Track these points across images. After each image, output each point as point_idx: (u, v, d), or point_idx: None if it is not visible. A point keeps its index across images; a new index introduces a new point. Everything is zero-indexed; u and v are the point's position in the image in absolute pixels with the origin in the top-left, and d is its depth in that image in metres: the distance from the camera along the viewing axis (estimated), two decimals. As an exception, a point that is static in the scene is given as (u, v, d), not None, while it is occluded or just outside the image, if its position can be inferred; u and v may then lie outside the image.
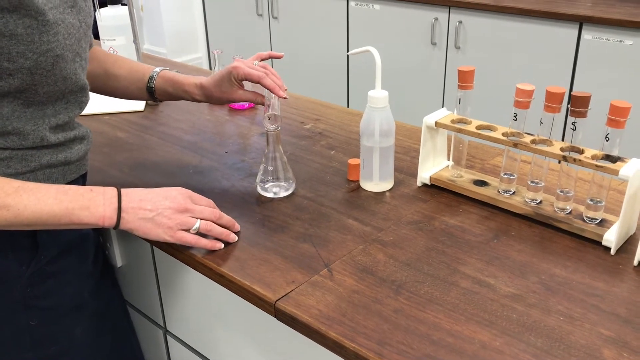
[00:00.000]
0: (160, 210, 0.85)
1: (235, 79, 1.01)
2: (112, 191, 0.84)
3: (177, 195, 0.87)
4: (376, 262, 0.84)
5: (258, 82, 0.98)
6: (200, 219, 0.87)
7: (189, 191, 0.90)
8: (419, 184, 1.05)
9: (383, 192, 1.03)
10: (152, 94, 1.10)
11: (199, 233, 0.87)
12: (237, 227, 0.92)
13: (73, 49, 0.85)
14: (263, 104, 1.01)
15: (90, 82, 1.11)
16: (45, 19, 0.79)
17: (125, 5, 1.73)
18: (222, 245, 0.88)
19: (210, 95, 1.04)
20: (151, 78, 1.09)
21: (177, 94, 1.08)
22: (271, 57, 1.07)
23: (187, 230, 0.86)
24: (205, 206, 0.90)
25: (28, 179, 0.85)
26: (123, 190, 0.85)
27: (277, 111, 0.98)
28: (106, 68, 1.11)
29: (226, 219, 0.91)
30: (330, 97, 3.19)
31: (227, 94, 1.03)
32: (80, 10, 0.88)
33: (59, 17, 0.82)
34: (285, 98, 0.98)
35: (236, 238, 0.90)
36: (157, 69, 1.09)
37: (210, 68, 3.65)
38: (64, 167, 0.90)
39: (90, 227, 0.84)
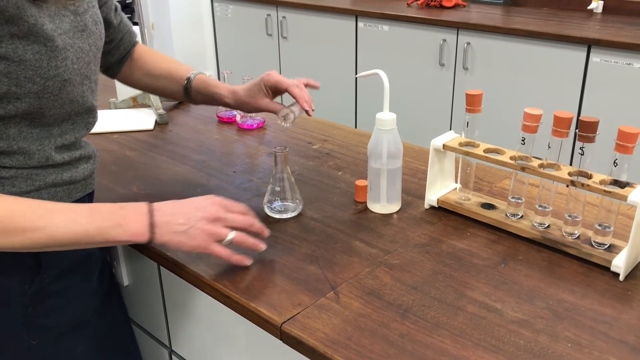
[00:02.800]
0: (193, 222, 0.84)
1: (266, 85, 1.03)
2: (143, 207, 0.84)
3: (208, 206, 0.86)
4: (383, 285, 0.84)
5: (286, 90, 0.99)
6: (233, 228, 0.86)
7: (221, 199, 0.88)
8: (426, 206, 1.05)
9: (390, 214, 1.03)
10: (189, 97, 1.13)
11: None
12: (267, 232, 0.91)
13: (81, 73, 0.86)
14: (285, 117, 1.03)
15: (135, 85, 1.17)
16: (54, 45, 0.80)
17: (137, 24, 1.75)
18: (251, 262, 0.88)
19: (239, 99, 1.07)
20: (188, 83, 1.12)
21: (208, 94, 1.11)
22: (308, 85, 1.08)
23: (221, 241, 0.85)
24: (238, 213, 0.89)
25: (33, 198, 0.86)
26: (155, 205, 0.84)
27: (290, 119, 1.00)
28: (147, 83, 1.16)
29: (257, 225, 0.90)
30: (338, 118, 3.20)
31: (254, 99, 1.05)
32: (91, 34, 0.89)
33: (68, 43, 0.83)
34: (310, 110, 1.00)
35: (264, 247, 0.89)
36: (192, 75, 1.12)
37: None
38: (69, 186, 0.91)
39: (124, 244, 0.83)
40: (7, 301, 0.87)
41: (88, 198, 0.98)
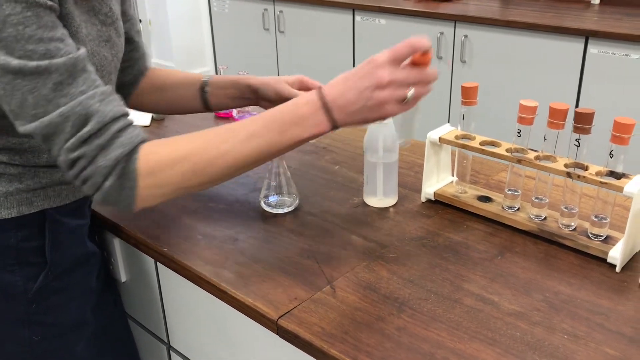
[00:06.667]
0: (367, 95, 0.77)
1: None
2: (314, 99, 0.79)
3: (375, 71, 0.77)
4: (379, 279, 0.84)
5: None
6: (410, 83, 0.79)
7: (385, 56, 0.78)
8: (423, 199, 1.05)
9: (387, 208, 1.03)
10: (206, 97, 1.09)
11: None
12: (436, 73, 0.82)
13: (103, 81, 0.87)
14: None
15: (151, 105, 1.14)
16: (86, 50, 0.82)
17: (132, 20, 1.74)
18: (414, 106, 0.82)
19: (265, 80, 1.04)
20: (205, 82, 1.09)
21: (229, 82, 1.07)
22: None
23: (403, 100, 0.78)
24: (409, 70, 0.79)
25: (39, 195, 0.86)
26: (325, 91, 0.79)
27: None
28: (163, 98, 1.13)
29: (432, 73, 0.81)
30: (336, 111, 3.20)
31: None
32: (114, 45, 0.91)
33: (95, 50, 0.85)
34: None
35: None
36: (210, 76, 1.11)
37: (217, 82, 3.67)
38: (74, 185, 0.91)
39: (309, 140, 0.81)
40: (11, 297, 0.87)
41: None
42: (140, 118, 1.45)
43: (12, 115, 0.75)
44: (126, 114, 0.78)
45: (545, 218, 0.94)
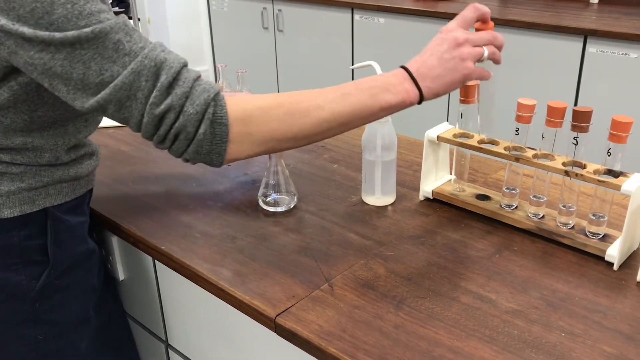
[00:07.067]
0: (446, 57, 0.82)
1: None
2: (398, 70, 0.84)
3: (449, 33, 0.84)
4: (377, 277, 0.84)
5: None
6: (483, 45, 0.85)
7: (455, 21, 0.85)
8: (421, 198, 1.05)
9: (385, 206, 1.03)
10: None
11: None
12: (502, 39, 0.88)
13: None
14: None
15: None
16: None
17: (131, 18, 1.75)
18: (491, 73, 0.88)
19: None
20: None
21: None
22: None
23: (479, 60, 0.84)
24: (479, 32, 0.85)
25: (40, 194, 0.87)
26: (408, 65, 0.84)
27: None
28: None
29: (499, 38, 0.87)
30: (335, 110, 3.20)
31: None
32: None
33: None
34: None
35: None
36: None
37: (216, 81, 3.67)
38: (74, 182, 0.92)
39: (396, 110, 0.83)
40: (15, 296, 0.88)
41: (89, 194, 0.98)
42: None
43: (72, 93, 0.74)
44: (187, 64, 0.77)
45: (543, 216, 0.94)
